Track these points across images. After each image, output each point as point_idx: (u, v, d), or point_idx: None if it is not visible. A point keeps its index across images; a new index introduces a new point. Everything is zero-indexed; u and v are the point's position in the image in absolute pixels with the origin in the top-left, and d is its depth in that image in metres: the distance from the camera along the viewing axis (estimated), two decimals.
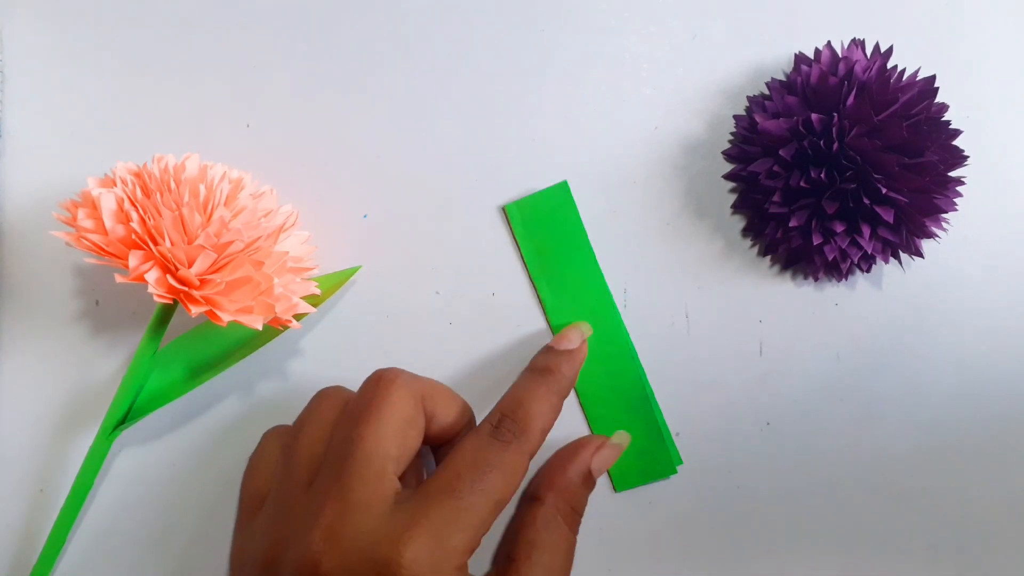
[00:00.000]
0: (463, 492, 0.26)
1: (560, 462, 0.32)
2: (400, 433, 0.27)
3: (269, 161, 0.34)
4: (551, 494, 0.30)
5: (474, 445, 0.27)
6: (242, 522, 0.31)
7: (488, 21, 0.35)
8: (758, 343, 0.35)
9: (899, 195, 0.31)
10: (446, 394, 0.30)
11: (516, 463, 0.27)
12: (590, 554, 0.34)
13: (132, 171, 0.28)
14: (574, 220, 0.34)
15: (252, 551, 0.28)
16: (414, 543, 0.25)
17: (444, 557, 0.25)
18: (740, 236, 0.35)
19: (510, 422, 0.28)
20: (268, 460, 0.31)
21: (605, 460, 0.32)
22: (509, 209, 0.34)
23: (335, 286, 0.32)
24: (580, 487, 0.31)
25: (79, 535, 0.32)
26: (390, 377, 0.28)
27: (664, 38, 0.35)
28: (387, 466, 0.27)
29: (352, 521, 0.25)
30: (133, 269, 0.26)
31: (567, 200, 0.34)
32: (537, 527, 0.29)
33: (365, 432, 0.27)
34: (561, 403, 0.30)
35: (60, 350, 0.32)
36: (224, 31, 0.34)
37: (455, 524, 0.25)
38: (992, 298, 0.35)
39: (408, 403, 0.28)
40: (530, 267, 0.34)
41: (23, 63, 0.33)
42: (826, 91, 0.32)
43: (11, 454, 0.32)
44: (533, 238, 0.34)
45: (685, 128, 0.35)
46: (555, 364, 0.31)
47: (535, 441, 0.28)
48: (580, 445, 0.32)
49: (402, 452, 0.27)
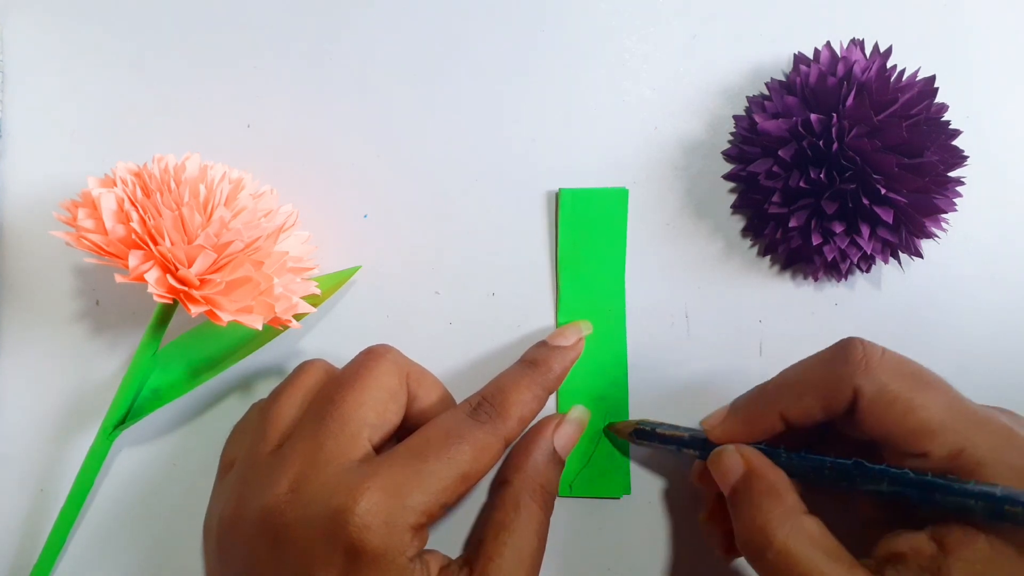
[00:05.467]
0: (429, 457, 0.26)
1: (525, 444, 0.32)
2: (381, 403, 0.28)
3: (269, 161, 0.34)
4: (519, 476, 0.30)
5: (449, 418, 0.28)
6: (214, 486, 0.31)
7: (488, 22, 0.35)
8: (758, 343, 0.35)
9: (898, 195, 0.31)
10: (431, 379, 0.31)
11: (488, 442, 0.28)
12: (590, 554, 0.34)
13: (132, 171, 0.28)
14: (620, 228, 0.34)
15: (216, 510, 0.28)
16: (370, 494, 0.25)
17: (399, 512, 0.25)
18: (740, 236, 0.35)
19: (488, 405, 0.29)
20: (246, 428, 0.31)
21: (567, 435, 0.32)
22: (563, 193, 0.34)
23: (335, 286, 0.32)
24: (546, 465, 0.31)
25: (79, 535, 0.32)
26: (380, 351, 0.29)
27: (664, 38, 0.35)
28: (362, 431, 0.27)
29: (319, 474, 0.26)
30: (133, 269, 0.26)
31: (621, 207, 0.34)
32: (506, 508, 0.29)
33: (347, 395, 0.28)
34: (546, 396, 0.30)
35: (60, 350, 0.32)
36: (224, 31, 0.34)
37: (416, 484, 0.26)
38: (992, 298, 0.35)
39: (393, 377, 0.29)
40: (560, 255, 0.34)
41: (23, 63, 0.33)
42: (825, 91, 0.32)
43: (11, 454, 0.32)
44: (575, 229, 0.34)
45: (685, 128, 0.35)
46: (544, 358, 0.31)
47: (511, 427, 0.28)
48: (541, 425, 0.32)
49: (380, 421, 0.28)
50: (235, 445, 0.31)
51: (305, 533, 0.25)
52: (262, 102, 0.34)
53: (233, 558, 0.27)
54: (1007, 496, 0.24)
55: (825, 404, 0.27)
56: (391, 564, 0.25)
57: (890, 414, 0.26)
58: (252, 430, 0.30)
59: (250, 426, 0.31)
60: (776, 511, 0.26)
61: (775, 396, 0.29)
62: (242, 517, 0.27)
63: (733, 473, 0.28)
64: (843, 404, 0.27)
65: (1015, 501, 0.23)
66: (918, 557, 0.25)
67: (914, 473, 0.26)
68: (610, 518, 0.34)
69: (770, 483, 0.27)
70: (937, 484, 0.25)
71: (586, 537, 0.34)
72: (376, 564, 0.25)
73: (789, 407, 0.28)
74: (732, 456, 0.28)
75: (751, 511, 0.27)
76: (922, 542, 0.25)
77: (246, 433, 0.31)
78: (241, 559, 0.27)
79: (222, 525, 0.28)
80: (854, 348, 0.27)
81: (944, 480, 0.25)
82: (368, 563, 0.25)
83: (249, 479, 0.28)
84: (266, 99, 0.34)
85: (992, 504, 0.24)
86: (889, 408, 0.26)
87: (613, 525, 0.34)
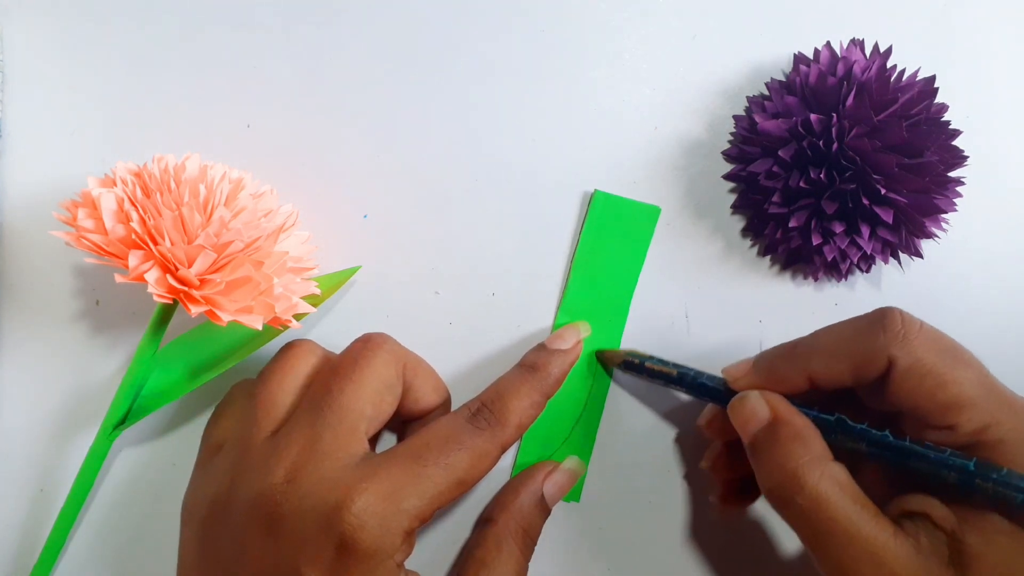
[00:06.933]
0: (427, 461, 0.26)
1: (514, 485, 0.32)
2: (377, 395, 0.28)
3: (269, 161, 0.34)
4: (504, 515, 0.30)
5: (448, 423, 0.28)
6: (197, 466, 0.31)
7: (487, 22, 0.35)
8: (758, 343, 0.35)
9: (898, 195, 0.31)
10: (428, 370, 0.31)
11: (486, 449, 0.27)
12: (590, 554, 0.34)
13: (132, 171, 0.28)
14: (643, 243, 0.34)
15: (203, 492, 0.28)
16: (367, 494, 0.25)
17: (393, 515, 0.25)
18: (740, 236, 0.35)
19: (488, 412, 0.29)
20: (232, 409, 0.31)
21: (557, 484, 0.32)
22: (597, 195, 0.34)
23: (335, 286, 0.32)
24: (532, 510, 0.31)
25: (79, 535, 0.32)
26: (378, 341, 0.29)
27: (664, 38, 0.35)
28: (360, 424, 0.27)
29: (316, 467, 0.26)
30: (133, 269, 0.26)
31: (650, 224, 0.34)
32: (488, 547, 0.30)
33: (346, 387, 0.27)
34: (544, 401, 0.30)
35: (60, 350, 0.32)
36: (224, 31, 0.34)
37: (412, 488, 0.26)
38: (992, 299, 0.35)
39: (390, 368, 0.29)
40: (578, 254, 0.34)
41: (23, 63, 0.33)
42: (825, 91, 0.32)
43: (11, 454, 0.32)
44: (598, 233, 0.34)
45: (685, 128, 0.35)
46: (544, 362, 0.31)
47: (510, 434, 0.28)
48: (535, 469, 0.32)
49: (376, 413, 0.28)
50: (220, 427, 0.30)
51: (298, 525, 0.25)
52: (262, 102, 0.34)
53: (219, 542, 0.27)
54: (978, 470, 0.25)
55: (856, 370, 0.27)
56: (379, 565, 0.25)
57: (922, 387, 0.26)
58: (242, 414, 0.29)
59: (237, 409, 0.30)
60: (806, 456, 0.26)
61: (806, 356, 0.28)
62: (234, 502, 0.27)
63: (758, 419, 0.28)
64: (875, 373, 0.27)
65: (985, 476, 0.24)
66: (933, 516, 0.26)
67: (893, 437, 0.26)
68: (611, 518, 0.34)
69: (798, 429, 0.27)
70: (915, 451, 0.26)
71: (586, 536, 0.34)
72: (365, 563, 0.25)
73: (819, 369, 0.28)
74: (758, 402, 0.28)
75: (780, 456, 0.27)
76: (935, 504, 0.26)
77: (233, 416, 0.30)
78: (229, 544, 0.26)
79: (212, 508, 0.27)
80: (893, 318, 0.27)
81: (921, 447, 0.26)
82: (358, 561, 0.25)
83: (243, 464, 0.27)
84: (266, 99, 0.34)
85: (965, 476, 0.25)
86: (921, 381, 0.26)
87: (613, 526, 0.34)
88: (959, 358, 0.27)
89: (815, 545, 0.26)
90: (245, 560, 0.26)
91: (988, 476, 0.24)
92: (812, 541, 0.26)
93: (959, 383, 0.26)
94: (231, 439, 0.29)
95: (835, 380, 0.28)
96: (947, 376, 0.26)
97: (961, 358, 0.27)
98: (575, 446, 0.33)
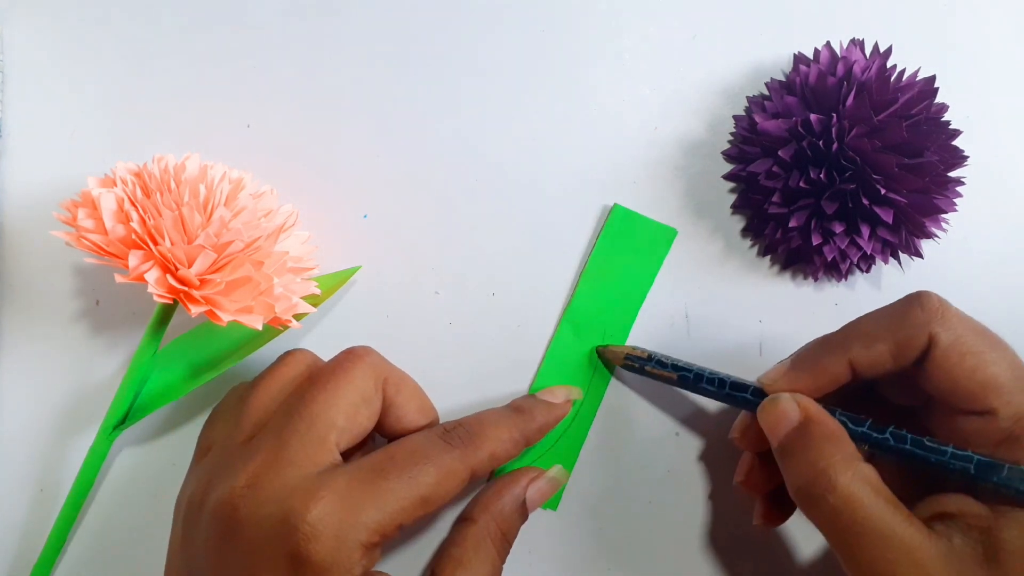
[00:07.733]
0: (390, 474, 0.26)
1: (497, 487, 0.31)
2: (352, 406, 0.27)
3: (269, 161, 0.34)
4: (484, 516, 0.30)
5: (419, 438, 0.28)
6: (190, 467, 0.31)
7: (487, 22, 0.35)
8: (758, 343, 0.35)
9: (898, 195, 0.31)
10: (414, 388, 0.30)
11: (454, 468, 0.27)
12: (590, 554, 0.34)
13: (132, 171, 0.28)
14: (656, 263, 0.34)
15: (186, 492, 0.28)
16: (324, 503, 0.25)
17: (350, 527, 0.25)
18: (740, 236, 0.35)
19: (463, 431, 0.28)
20: (224, 412, 0.31)
21: (540, 491, 0.32)
22: (617, 209, 0.34)
23: (335, 286, 0.32)
24: (513, 514, 0.31)
25: (79, 535, 0.32)
26: (359, 353, 0.29)
27: (664, 38, 0.35)
28: (329, 434, 0.27)
29: (278, 474, 0.25)
30: (133, 269, 0.26)
31: (665, 245, 0.34)
32: (465, 546, 0.29)
33: (318, 395, 0.27)
34: (523, 444, 0.30)
35: (60, 350, 0.32)
36: (224, 31, 0.34)
37: (372, 501, 0.25)
38: (991, 299, 0.35)
39: (368, 381, 0.28)
40: (589, 265, 0.34)
41: (23, 63, 0.33)
42: (825, 91, 0.32)
43: (11, 454, 0.32)
44: (612, 246, 0.34)
45: (685, 128, 0.35)
46: (530, 407, 0.31)
47: (481, 459, 0.28)
48: (520, 473, 0.32)
49: (349, 425, 0.27)
50: (212, 430, 0.31)
51: (254, 533, 0.25)
52: (262, 102, 0.34)
53: (193, 541, 0.27)
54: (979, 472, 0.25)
55: (898, 351, 0.27)
56: None
57: (962, 366, 0.26)
58: (230, 417, 0.29)
59: (228, 412, 0.30)
60: (838, 455, 0.26)
61: (845, 344, 0.28)
62: (203, 504, 0.26)
63: (788, 421, 0.28)
64: (916, 352, 0.27)
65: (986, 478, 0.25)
66: (967, 516, 0.25)
67: (894, 440, 0.26)
68: (610, 518, 0.34)
69: (830, 429, 0.27)
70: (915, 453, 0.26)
71: (585, 536, 0.34)
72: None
73: (860, 355, 0.28)
74: (788, 403, 0.28)
75: (812, 455, 0.26)
76: (969, 502, 0.26)
77: (223, 419, 0.30)
78: (199, 544, 0.26)
79: (188, 508, 0.27)
80: (930, 297, 0.27)
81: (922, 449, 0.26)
82: (311, 573, 0.24)
83: (218, 467, 0.27)
84: (266, 99, 0.34)
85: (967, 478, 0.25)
86: (961, 360, 0.26)
87: (613, 526, 0.34)
88: (994, 341, 0.27)
89: (845, 545, 0.25)
90: (209, 563, 0.26)
91: (989, 478, 0.24)
92: (842, 541, 0.25)
93: (997, 363, 0.26)
94: (219, 442, 0.29)
95: (877, 365, 0.28)
96: (986, 356, 0.26)
97: (996, 341, 0.27)
98: (560, 455, 0.33)
